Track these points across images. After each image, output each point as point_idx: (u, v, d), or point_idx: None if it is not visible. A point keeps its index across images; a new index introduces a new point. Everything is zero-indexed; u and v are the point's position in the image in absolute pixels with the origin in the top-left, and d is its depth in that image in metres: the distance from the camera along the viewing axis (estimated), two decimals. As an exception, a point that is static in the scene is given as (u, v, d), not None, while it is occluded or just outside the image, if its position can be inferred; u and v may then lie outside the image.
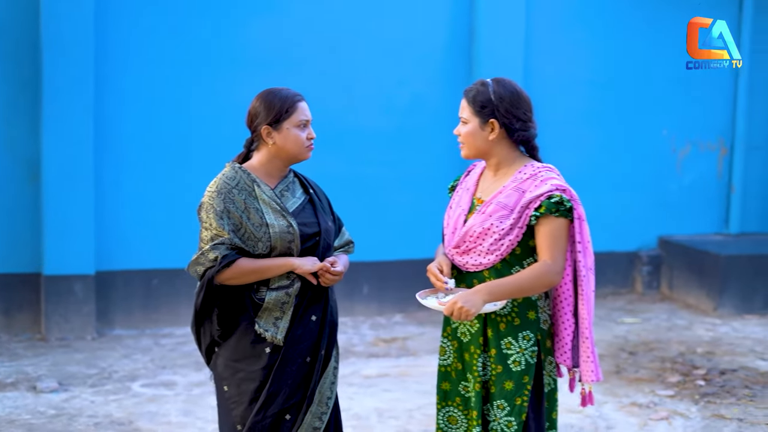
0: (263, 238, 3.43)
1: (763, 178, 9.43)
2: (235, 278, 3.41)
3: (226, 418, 3.54)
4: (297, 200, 3.60)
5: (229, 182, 3.48)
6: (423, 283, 8.22)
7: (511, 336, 3.45)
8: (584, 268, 3.45)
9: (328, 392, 3.59)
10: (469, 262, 3.49)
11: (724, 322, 8.08)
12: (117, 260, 7.57)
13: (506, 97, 3.48)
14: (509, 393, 3.45)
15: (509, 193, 3.44)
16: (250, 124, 3.59)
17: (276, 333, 3.45)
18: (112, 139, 7.49)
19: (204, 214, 3.45)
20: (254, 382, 3.46)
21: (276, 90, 3.58)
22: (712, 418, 5.70)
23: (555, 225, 3.38)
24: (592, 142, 8.98)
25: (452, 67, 8.43)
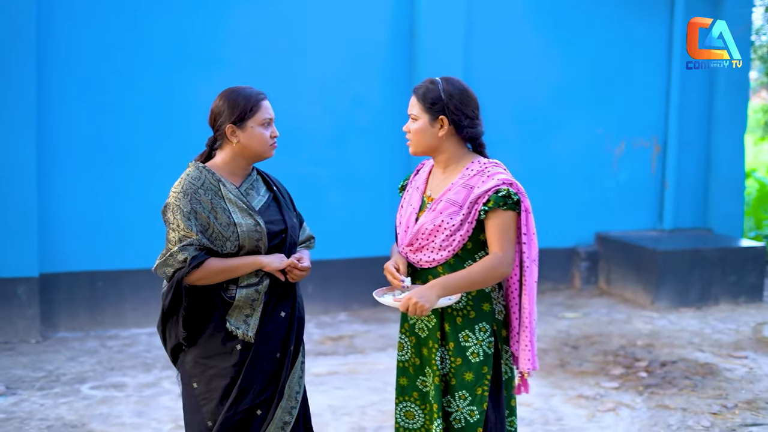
0: (231, 238, 3.45)
1: (695, 175, 9.69)
2: (205, 278, 3.43)
3: (195, 415, 3.56)
4: (262, 198, 3.63)
5: (195, 182, 3.48)
6: (367, 281, 8.37)
7: (468, 329, 3.55)
8: (528, 259, 3.56)
9: (296, 387, 3.64)
10: (422, 259, 3.57)
11: (661, 315, 8.29)
12: (61, 262, 7.50)
13: (455, 94, 3.57)
14: (470, 383, 3.54)
15: (458, 189, 3.53)
16: (213, 123, 3.58)
17: (247, 330, 3.49)
18: (55, 141, 7.41)
19: (170, 215, 3.45)
20: (225, 378, 3.49)
21: (239, 89, 3.59)
22: (657, 409, 5.85)
23: (504, 218, 3.48)
24: (530, 140, 9.13)
25: (393, 66, 8.51)
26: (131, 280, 7.71)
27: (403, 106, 8.46)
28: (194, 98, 7.76)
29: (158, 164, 7.71)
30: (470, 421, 3.55)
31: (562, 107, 9.24)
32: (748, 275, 8.77)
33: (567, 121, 9.28)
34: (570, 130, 9.29)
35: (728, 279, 8.71)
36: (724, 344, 7.33)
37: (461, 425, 3.56)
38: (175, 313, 3.51)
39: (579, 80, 9.27)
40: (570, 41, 9.20)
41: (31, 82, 7.18)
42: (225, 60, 7.90)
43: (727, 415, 5.70)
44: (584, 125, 9.35)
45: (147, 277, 7.72)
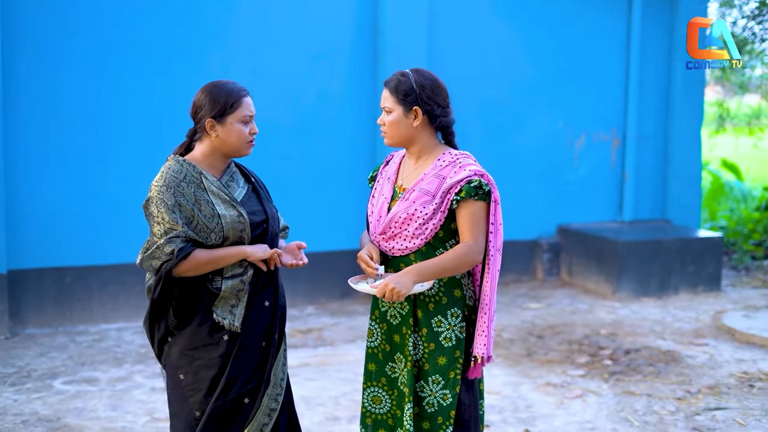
0: (216, 229, 3.50)
1: (654, 167, 9.87)
2: (192, 270, 3.47)
3: (182, 406, 3.60)
4: (242, 190, 3.69)
5: (177, 176, 3.51)
6: (333, 274, 8.46)
7: (440, 314, 3.64)
8: (493, 248, 3.66)
9: (281, 374, 3.72)
10: (395, 247, 3.66)
11: (623, 305, 8.46)
12: (28, 258, 7.48)
13: (427, 85, 3.66)
14: (443, 368, 3.64)
15: (430, 179, 3.62)
16: (195, 115, 3.62)
17: (233, 320, 3.55)
18: (21, 137, 7.39)
19: (154, 208, 3.47)
20: (213, 369, 3.55)
21: (222, 83, 3.63)
22: (623, 395, 5.99)
23: (475, 208, 3.58)
24: (493, 134, 9.25)
25: (358, 62, 8.59)
26: (99, 276, 7.72)
27: (368, 101, 8.66)
28: (160, 95, 7.79)
29: (125, 160, 7.72)
30: (443, 405, 3.64)
31: (524, 101, 9.38)
32: (706, 265, 8.96)
33: (529, 115, 9.41)
34: (532, 123, 9.43)
35: (687, 269, 8.90)
36: (685, 332, 7.50)
37: (434, 409, 3.65)
38: (164, 305, 3.55)
39: (541, 74, 9.42)
40: (531, 36, 9.33)
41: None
42: (190, 57, 7.93)
43: (691, 400, 5.86)
44: (546, 119, 9.50)
45: (115, 273, 7.74)
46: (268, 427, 3.64)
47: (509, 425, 5.47)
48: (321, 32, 8.45)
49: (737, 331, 7.39)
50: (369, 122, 8.59)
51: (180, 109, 7.84)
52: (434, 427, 3.66)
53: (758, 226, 11.49)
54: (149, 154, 7.76)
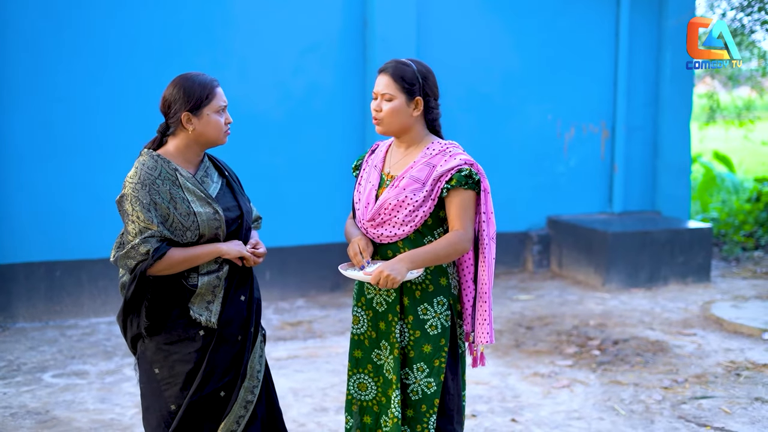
0: (191, 227, 3.49)
1: (643, 159, 9.90)
2: (167, 269, 3.46)
3: (156, 400, 3.59)
4: (216, 185, 3.66)
5: (152, 173, 3.47)
6: (323, 267, 8.48)
7: (426, 302, 3.67)
8: (487, 237, 3.69)
9: (257, 366, 3.73)
10: (384, 233, 3.68)
11: (612, 296, 8.48)
12: (18, 253, 7.50)
13: (428, 76, 3.69)
14: (428, 356, 3.66)
15: (420, 167, 3.64)
16: (167, 110, 3.56)
17: (210, 317, 3.55)
18: (9, 131, 7.40)
19: (129, 206, 3.43)
20: (188, 363, 3.54)
21: (192, 75, 3.58)
22: (610, 384, 6.02)
23: (464, 197, 3.61)
24: (482, 126, 9.27)
25: (347, 55, 8.60)
26: (89, 270, 7.73)
27: (357, 94, 8.67)
28: (147, 89, 7.78)
29: (114, 155, 7.73)
30: (427, 393, 3.67)
31: (514, 94, 9.40)
32: (695, 256, 8.99)
33: (518, 108, 9.43)
34: (521, 115, 9.45)
35: (677, 260, 8.93)
36: (674, 322, 7.53)
37: (418, 396, 3.68)
38: (137, 304, 3.54)
39: (530, 67, 9.43)
40: (521, 28, 9.35)
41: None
42: (178, 51, 7.93)
43: (678, 389, 5.89)
44: (535, 111, 9.52)
45: (105, 267, 7.75)
46: (245, 419, 3.65)
47: (496, 414, 5.50)
48: (310, 25, 8.46)
49: (725, 321, 7.42)
50: (358, 114, 8.61)
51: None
52: (418, 415, 3.69)
53: (749, 217, 11.52)
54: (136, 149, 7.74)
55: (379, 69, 3.72)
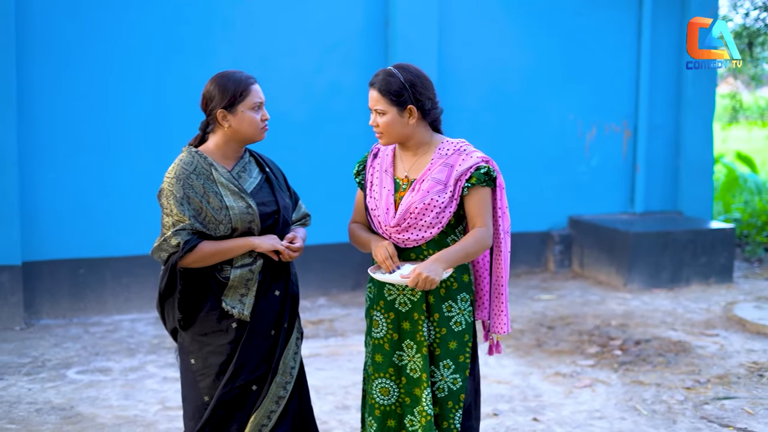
0: (224, 221, 3.55)
1: (665, 159, 9.86)
2: (198, 261, 3.53)
3: (192, 390, 3.67)
4: (254, 180, 3.72)
5: (187, 168, 3.56)
6: (344, 266, 8.48)
7: (451, 299, 3.69)
8: (503, 231, 3.74)
9: (291, 362, 3.75)
10: (410, 237, 3.67)
11: (634, 296, 8.47)
12: (43, 250, 7.56)
13: (416, 81, 3.66)
14: (453, 352, 3.69)
15: (439, 168, 3.65)
16: (205, 108, 3.66)
17: (242, 309, 3.60)
18: (36, 129, 7.46)
19: (164, 200, 3.54)
20: (221, 355, 3.60)
21: (229, 73, 3.67)
22: (631, 384, 6.02)
23: (483, 194, 3.65)
24: (504, 126, 9.26)
25: (368, 54, 8.61)
26: (112, 267, 7.79)
27: (380, 94, 8.64)
28: (172, 87, 7.84)
29: (138, 153, 7.79)
30: (453, 389, 3.69)
31: (535, 93, 9.39)
32: (718, 256, 8.96)
33: (540, 107, 9.42)
34: (543, 115, 9.44)
35: (699, 260, 8.90)
36: (696, 323, 7.51)
37: (445, 393, 3.69)
38: (170, 296, 3.61)
39: (551, 67, 9.42)
40: (542, 28, 9.34)
41: (11, 70, 7.22)
42: (201, 50, 7.98)
43: (700, 390, 5.88)
44: (556, 111, 9.50)
45: (128, 264, 7.80)
46: (276, 414, 3.68)
47: (518, 414, 5.51)
48: (332, 24, 8.48)
49: (748, 321, 7.39)
50: (380, 114, 8.61)
51: (190, 101, 7.91)
52: (444, 411, 3.70)
53: (771, 217, 11.47)
54: (162, 147, 7.80)
55: (369, 82, 3.72)
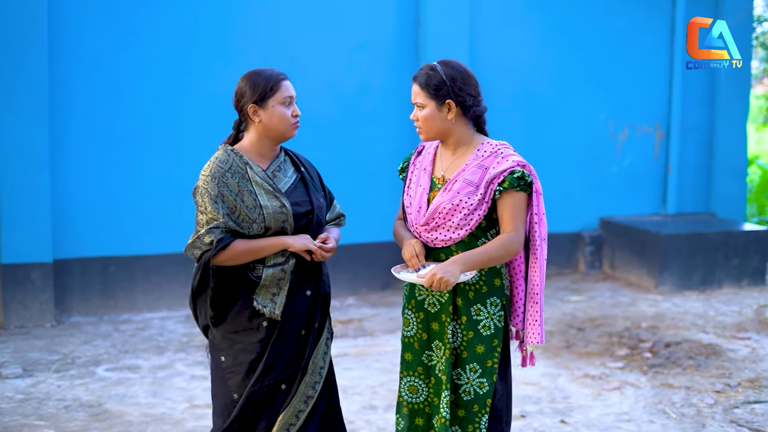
0: (257, 220, 3.56)
1: (698, 160, 9.77)
2: (231, 260, 3.55)
3: (221, 388, 3.69)
4: (289, 179, 3.73)
5: (222, 166, 3.58)
6: (374, 266, 8.48)
7: (480, 303, 3.66)
8: (539, 238, 3.68)
9: (321, 362, 3.75)
10: (438, 237, 3.67)
11: (665, 298, 8.40)
12: (74, 248, 7.61)
13: (457, 76, 3.65)
14: (481, 356, 3.66)
15: (473, 170, 3.63)
16: (237, 105, 3.70)
17: (274, 308, 3.60)
18: (67, 128, 7.52)
19: (199, 198, 3.57)
20: (251, 353, 3.62)
21: (260, 70, 3.70)
22: (661, 387, 5.97)
23: (516, 198, 3.60)
24: (534, 126, 9.22)
25: (399, 53, 8.61)
26: (143, 266, 7.83)
27: (409, 92, 8.58)
28: (203, 86, 7.89)
29: (169, 151, 7.83)
30: (479, 393, 3.67)
31: (566, 93, 9.33)
32: (751, 259, 8.87)
33: (571, 107, 9.37)
34: (574, 116, 9.38)
35: (731, 263, 8.81)
36: (728, 326, 7.44)
37: (470, 397, 3.67)
38: (203, 293, 3.65)
39: (582, 66, 9.36)
40: (574, 27, 9.29)
41: (43, 70, 7.29)
42: (232, 49, 8.01)
43: (730, 393, 5.82)
44: (588, 111, 9.44)
45: (158, 263, 7.84)
46: (304, 413, 3.69)
47: (545, 416, 5.48)
48: (362, 22, 8.48)
49: (780, 325, 7.33)
50: (409, 113, 8.59)
51: (220, 100, 7.95)
52: (470, 415, 3.69)
53: (806, 220, 11.35)
54: (192, 146, 7.87)
55: (412, 77, 3.75)
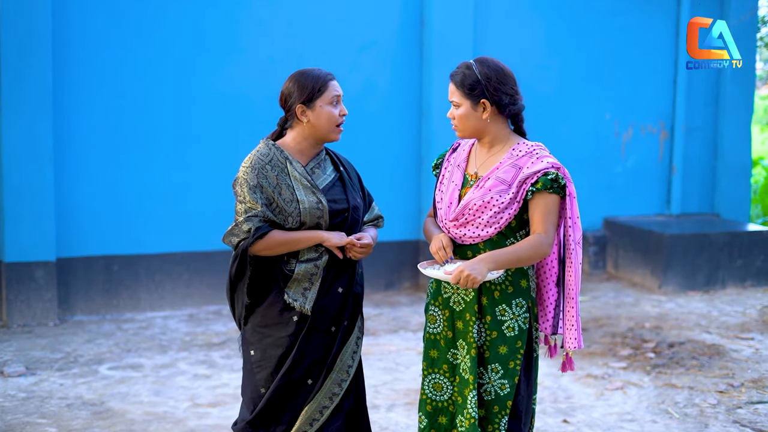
0: (293, 213, 3.61)
1: (702, 160, 9.76)
2: (267, 249, 3.60)
3: (250, 381, 3.75)
4: (327, 177, 3.77)
5: (263, 158, 3.65)
6: (378, 265, 8.46)
7: (505, 303, 3.64)
8: (573, 242, 3.66)
9: (349, 360, 3.78)
10: (466, 234, 3.66)
11: (669, 298, 8.39)
12: (77, 247, 7.62)
13: (492, 75, 3.65)
14: (503, 357, 3.64)
15: (507, 169, 3.62)
16: (284, 104, 3.73)
17: (304, 303, 3.64)
18: (71, 126, 7.53)
19: (239, 188, 3.63)
20: (280, 348, 3.66)
21: (308, 70, 3.73)
22: (664, 387, 5.96)
23: (548, 200, 3.57)
24: (539, 126, 9.12)
25: (404, 53, 8.61)
26: (146, 265, 7.84)
27: (414, 92, 8.68)
28: (209, 84, 7.90)
29: (174, 149, 7.84)
30: (500, 394, 3.65)
31: (571, 93, 9.32)
32: (755, 259, 8.86)
33: (575, 107, 9.36)
34: (578, 115, 9.37)
35: (735, 263, 8.80)
36: (731, 326, 7.43)
37: (491, 397, 3.66)
38: (240, 281, 3.70)
39: (587, 66, 9.35)
40: (579, 26, 9.28)
41: (47, 68, 7.29)
42: (237, 48, 8.02)
43: (734, 393, 5.81)
44: (592, 111, 9.43)
45: (162, 262, 7.85)
46: (329, 410, 3.72)
47: (548, 415, 5.47)
48: (367, 22, 8.48)
49: (784, 325, 7.32)
50: (415, 113, 8.63)
51: (226, 100, 7.98)
52: (490, 415, 3.67)
53: (811, 220, 11.33)
54: (197, 145, 7.88)
55: (449, 75, 3.75)
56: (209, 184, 7.86)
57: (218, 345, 6.87)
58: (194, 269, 7.96)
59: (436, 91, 8.41)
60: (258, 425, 3.70)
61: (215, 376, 6.18)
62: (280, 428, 3.70)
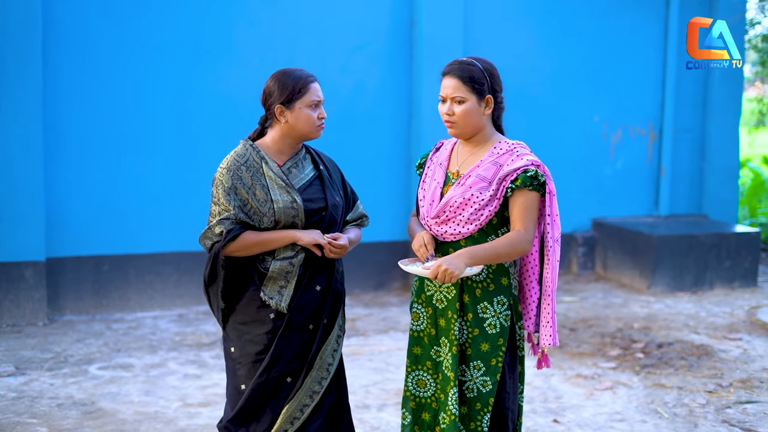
0: (268, 213, 3.61)
1: (691, 162, 9.81)
2: (241, 250, 3.61)
3: (232, 378, 3.76)
4: (305, 176, 3.77)
5: (239, 159, 3.66)
6: (367, 266, 8.46)
7: (486, 300, 3.65)
8: (551, 239, 3.68)
9: (329, 359, 3.77)
10: (447, 231, 3.67)
11: (657, 299, 8.42)
12: (67, 247, 7.61)
13: (494, 72, 3.72)
14: (485, 354, 3.65)
15: (487, 166, 3.63)
16: (264, 103, 3.73)
17: (280, 301, 3.65)
18: (61, 127, 7.52)
19: (214, 189, 3.65)
20: (258, 345, 3.67)
21: (290, 70, 3.72)
22: (653, 387, 5.99)
23: (528, 197, 3.60)
24: (528, 128, 9.20)
25: (394, 54, 8.63)
26: (136, 265, 7.83)
27: (403, 94, 8.70)
28: (198, 86, 7.89)
29: (162, 151, 7.83)
30: (482, 391, 3.66)
31: (560, 95, 9.35)
32: (742, 260, 8.91)
33: (564, 109, 9.39)
34: (567, 117, 9.40)
35: (723, 264, 8.85)
36: (719, 327, 7.47)
37: (473, 394, 3.67)
38: (213, 283, 3.70)
39: (576, 68, 9.39)
40: (568, 29, 9.31)
41: (37, 68, 7.28)
42: (227, 50, 8.02)
43: (722, 393, 5.84)
44: (581, 113, 9.47)
45: (151, 262, 7.85)
46: (309, 408, 3.71)
47: (538, 415, 5.49)
48: (358, 24, 8.50)
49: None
50: (405, 114, 8.64)
51: (217, 100, 7.99)
52: (472, 412, 3.68)
53: (798, 222, 11.39)
54: (186, 145, 7.88)
55: (442, 71, 3.71)
56: (199, 184, 7.84)
57: (208, 345, 6.87)
58: (184, 269, 7.96)
59: (425, 92, 8.43)
60: (239, 423, 3.70)
61: (205, 376, 6.18)
62: (261, 427, 3.70)
